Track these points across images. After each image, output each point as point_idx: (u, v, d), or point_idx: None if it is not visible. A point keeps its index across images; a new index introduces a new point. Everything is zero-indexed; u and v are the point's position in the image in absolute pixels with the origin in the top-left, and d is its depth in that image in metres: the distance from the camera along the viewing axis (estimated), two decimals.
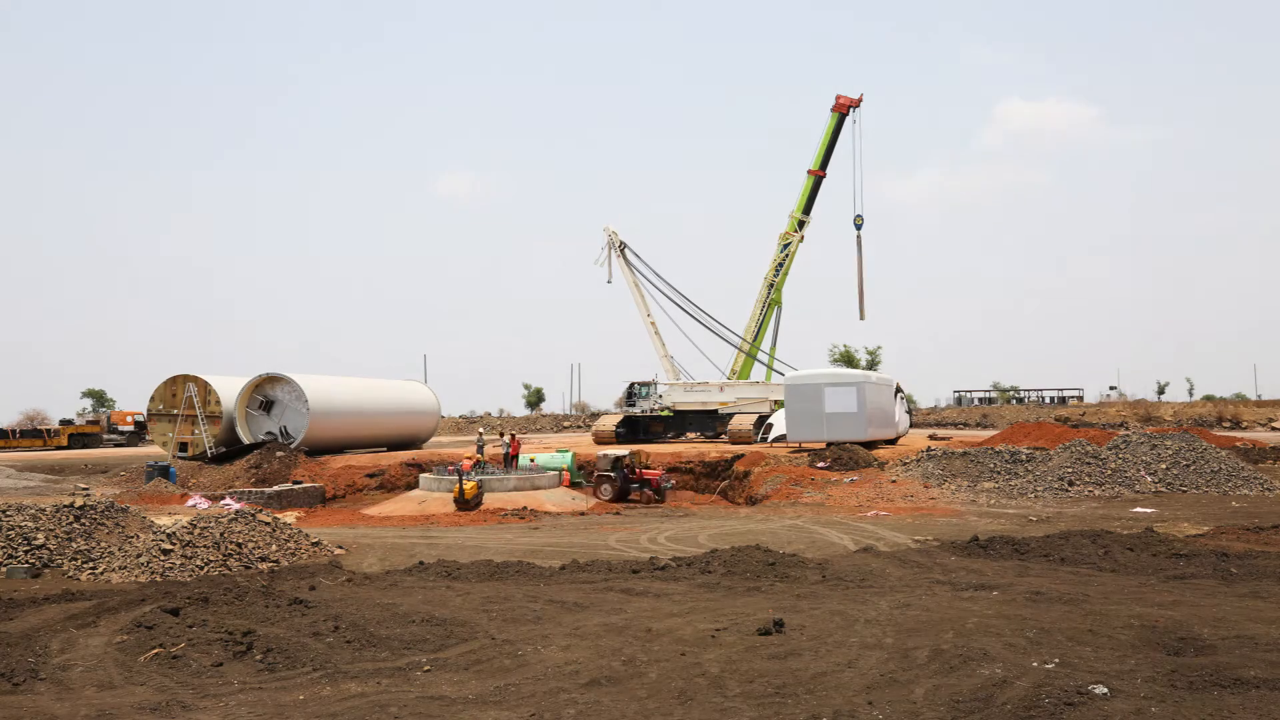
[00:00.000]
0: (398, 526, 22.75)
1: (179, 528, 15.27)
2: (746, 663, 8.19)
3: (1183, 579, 11.88)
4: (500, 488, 29.26)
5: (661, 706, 7.19)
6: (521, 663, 8.51)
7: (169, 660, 8.59)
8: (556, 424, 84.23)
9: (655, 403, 45.42)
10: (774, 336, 51.62)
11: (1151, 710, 6.67)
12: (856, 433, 33.17)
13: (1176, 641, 8.46)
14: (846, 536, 17.52)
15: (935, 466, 27.01)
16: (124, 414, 65.82)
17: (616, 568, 13.72)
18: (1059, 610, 9.93)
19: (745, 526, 19.77)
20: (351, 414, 41.98)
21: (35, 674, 8.38)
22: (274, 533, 15.99)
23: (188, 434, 40.08)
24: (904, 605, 10.40)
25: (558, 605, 10.94)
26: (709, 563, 13.36)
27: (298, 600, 10.56)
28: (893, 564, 13.62)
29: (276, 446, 37.66)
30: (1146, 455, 24.73)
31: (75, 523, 15.72)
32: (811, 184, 50.22)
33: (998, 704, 6.90)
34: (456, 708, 7.27)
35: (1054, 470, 24.70)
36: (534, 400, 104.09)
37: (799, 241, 50.36)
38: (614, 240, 50.26)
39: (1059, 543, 14.39)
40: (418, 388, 51.01)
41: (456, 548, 17.24)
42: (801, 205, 50.36)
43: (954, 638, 8.73)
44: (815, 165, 50.31)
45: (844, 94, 50.08)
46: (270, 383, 40.43)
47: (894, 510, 22.05)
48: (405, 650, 9.00)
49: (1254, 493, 22.67)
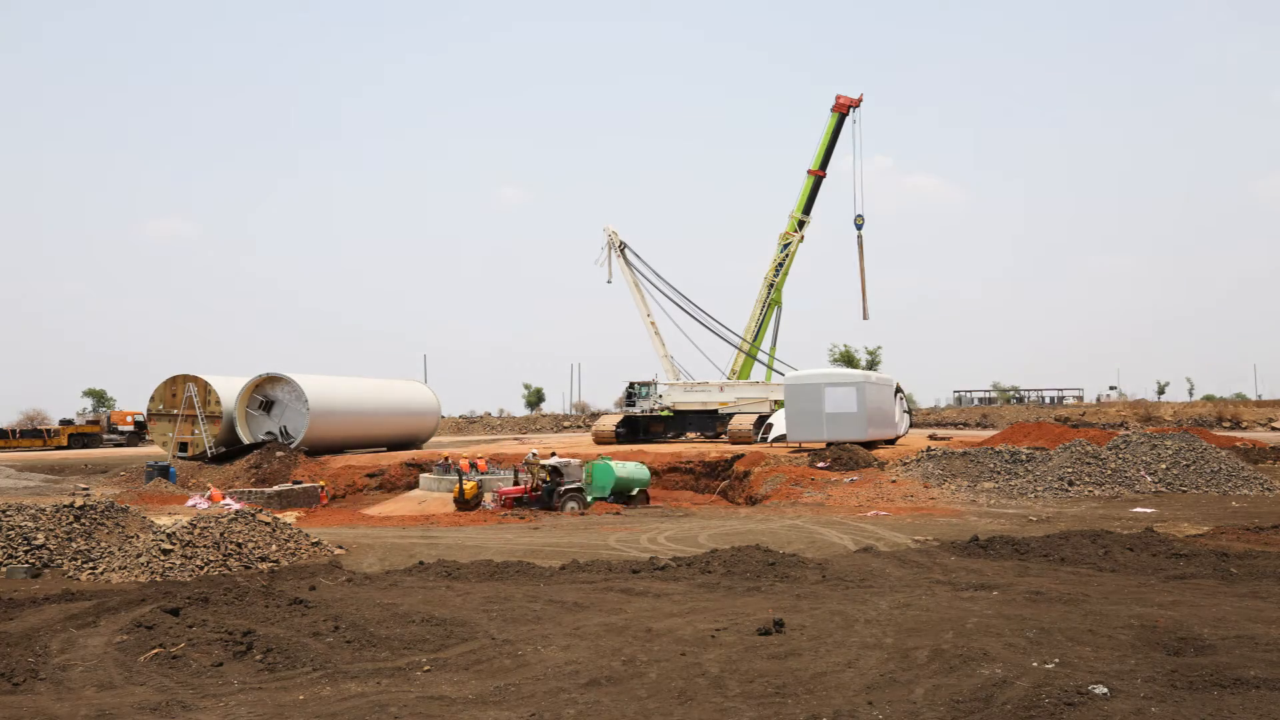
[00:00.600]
0: (398, 526, 22.75)
1: (179, 528, 15.27)
2: (746, 663, 8.19)
3: (1183, 579, 11.87)
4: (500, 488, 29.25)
5: (661, 706, 7.19)
6: (521, 663, 8.51)
7: (169, 660, 8.59)
8: (556, 424, 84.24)
9: (655, 403, 45.42)
10: (774, 336, 51.67)
11: (1151, 710, 6.67)
12: (856, 433, 33.18)
13: (1176, 641, 8.45)
14: (846, 536, 17.52)
15: (935, 466, 27.01)
16: (124, 414, 65.84)
17: (616, 568, 13.72)
18: (1059, 610, 9.93)
19: (745, 526, 19.77)
20: (351, 414, 42.01)
21: (35, 674, 8.38)
22: (274, 533, 15.99)
23: (188, 434, 40.10)
24: (904, 605, 10.40)
25: (558, 605, 10.94)
26: (709, 563, 13.36)
27: (298, 600, 10.56)
28: (893, 564, 13.62)
29: (276, 446, 37.69)
30: (1146, 455, 24.73)
31: (75, 523, 15.72)
32: (811, 184, 50.22)
33: (998, 704, 6.90)
34: (456, 708, 7.27)
35: (1054, 470, 24.70)
36: (534, 400, 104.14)
37: (799, 241, 50.38)
38: (614, 240, 50.27)
39: (1059, 543, 14.39)
40: (418, 388, 51.03)
41: (456, 548, 17.24)
42: (801, 205, 50.38)
43: (954, 638, 8.73)
44: (815, 165, 50.30)
45: (844, 94, 50.06)
46: (270, 383, 40.44)
47: (894, 510, 22.05)
48: (405, 650, 9.00)
49: (1254, 493, 22.66)
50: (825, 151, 50.04)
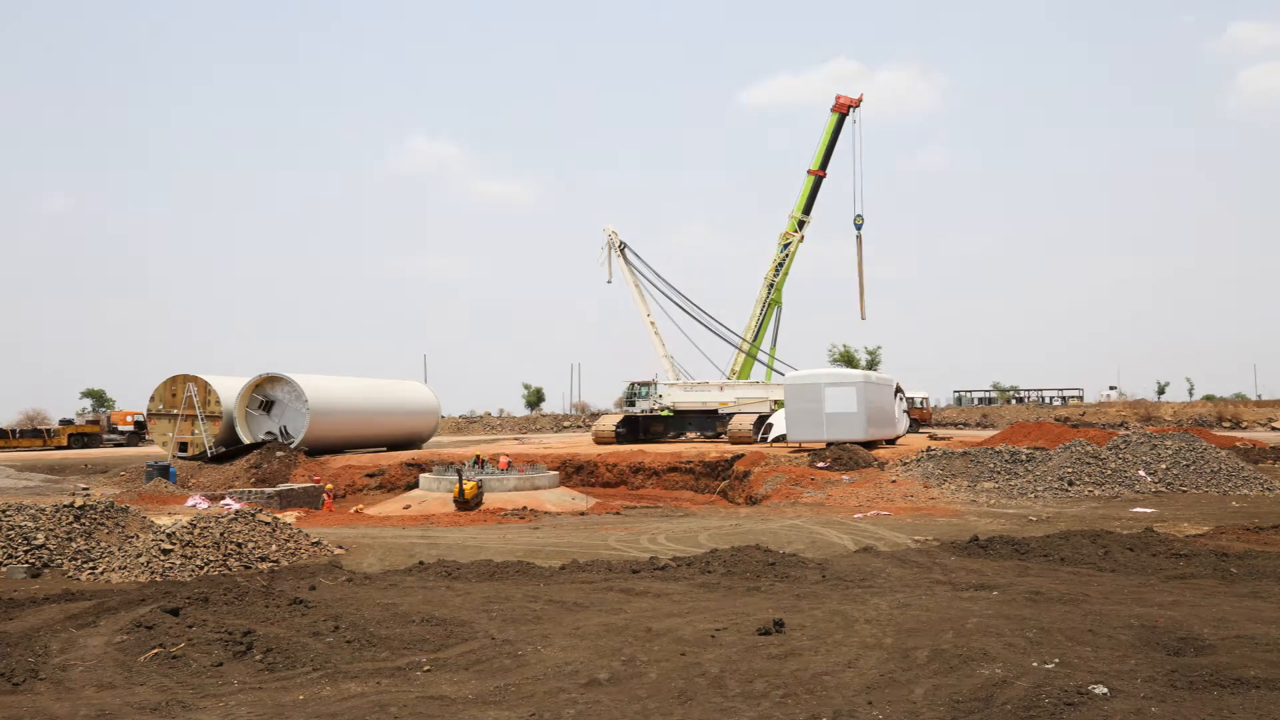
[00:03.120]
0: (398, 526, 22.75)
1: (179, 528, 15.27)
2: (746, 663, 8.19)
3: (1183, 579, 11.87)
4: (500, 488, 29.27)
5: (661, 706, 7.19)
6: (521, 663, 8.51)
7: (169, 660, 8.58)
8: (556, 424, 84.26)
9: (655, 403, 45.43)
10: (774, 336, 51.70)
11: (1151, 710, 6.67)
12: (856, 433, 33.20)
13: (1176, 641, 8.46)
14: (846, 536, 17.52)
15: (935, 466, 27.03)
16: (124, 414, 65.81)
17: (616, 568, 13.72)
18: (1059, 610, 9.93)
19: (745, 526, 19.77)
20: (351, 414, 42.03)
21: (35, 674, 8.37)
22: (274, 533, 15.99)
23: (188, 434, 40.10)
24: (904, 605, 10.40)
25: (558, 605, 10.94)
26: (709, 563, 13.36)
27: (298, 600, 10.56)
28: (893, 564, 13.62)
29: (276, 446, 37.70)
30: (1146, 455, 24.73)
31: (75, 523, 15.71)
32: (812, 184, 50.22)
33: (998, 704, 6.90)
34: (456, 708, 7.27)
35: (1054, 470, 24.70)
36: (534, 400, 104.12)
37: (799, 241, 50.39)
38: (614, 240, 50.29)
39: (1059, 543, 14.39)
40: (418, 387, 51.03)
41: (456, 548, 17.24)
42: (801, 205, 50.39)
43: (954, 638, 8.73)
44: (815, 165, 50.29)
45: (844, 94, 50.07)
46: (270, 383, 40.45)
47: (894, 510, 22.05)
48: (405, 650, 9.00)
49: (1254, 493, 22.67)
50: (825, 151, 50.03)
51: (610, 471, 36.31)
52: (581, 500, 30.28)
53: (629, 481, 35.55)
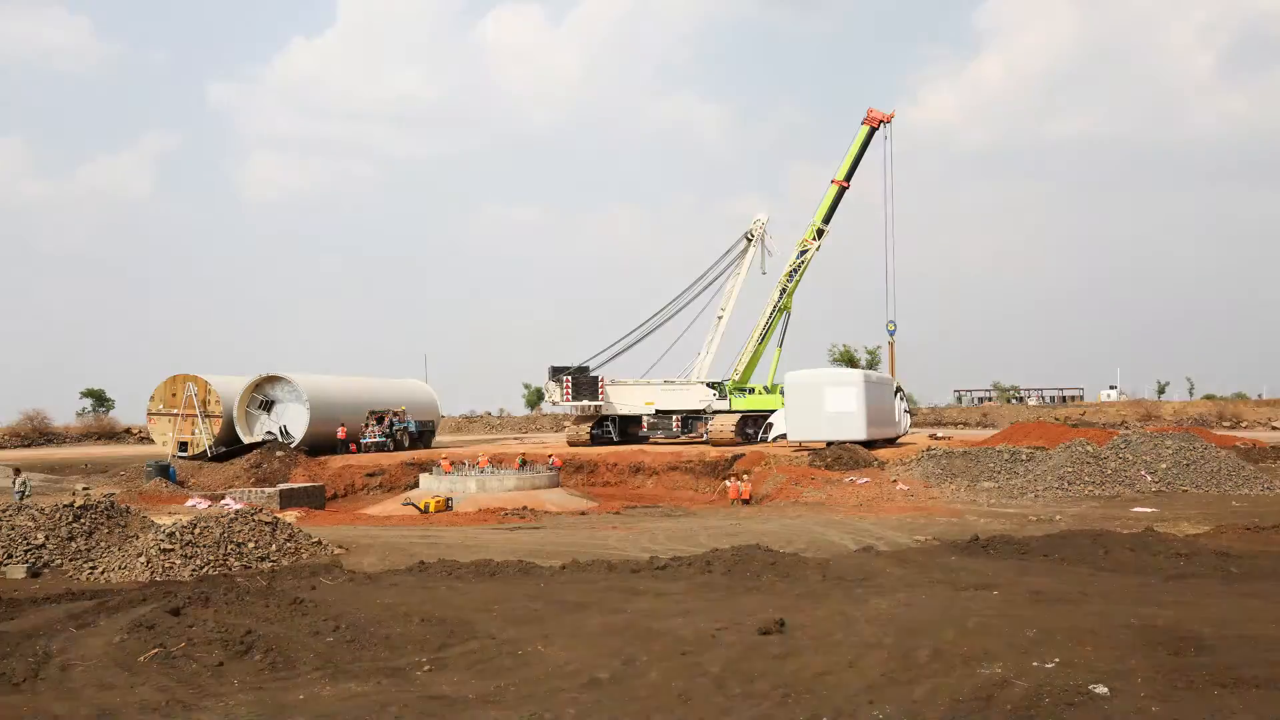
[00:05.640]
0: (398, 526, 22.75)
1: (179, 527, 15.27)
2: (747, 662, 8.19)
3: (1183, 579, 11.87)
4: (500, 488, 29.28)
5: (662, 706, 7.18)
6: (522, 663, 8.50)
7: (169, 660, 8.58)
8: (556, 424, 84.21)
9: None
10: (780, 341, 51.48)
11: (1151, 710, 6.67)
12: (857, 432, 33.21)
13: (1176, 641, 8.45)
14: (847, 536, 17.52)
15: (935, 466, 27.04)
16: None
17: (617, 567, 13.72)
18: (1059, 610, 9.93)
19: (745, 526, 19.77)
20: (351, 413, 41.96)
21: (36, 674, 8.37)
22: (274, 532, 15.99)
23: (188, 433, 40.10)
24: (905, 605, 10.40)
25: (558, 605, 10.94)
26: (709, 562, 13.36)
27: (298, 600, 10.56)
28: (893, 564, 13.62)
29: (276, 446, 37.65)
30: (1147, 455, 24.73)
31: (75, 523, 15.71)
32: (835, 194, 49.62)
33: (998, 704, 6.90)
34: (457, 708, 7.27)
35: (1054, 470, 24.71)
36: (534, 400, 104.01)
37: (816, 249, 50.06)
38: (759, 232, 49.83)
39: (1059, 543, 14.39)
40: (418, 385, 50.96)
41: (457, 548, 17.23)
42: (822, 214, 49.82)
43: (955, 637, 8.73)
44: (840, 176, 49.68)
45: (875, 108, 49.41)
46: (270, 382, 40.44)
47: (894, 510, 22.05)
48: (406, 650, 8.99)
49: (1254, 492, 22.68)
50: (852, 163, 49.45)
51: (610, 471, 36.34)
52: (582, 500, 30.27)
53: (629, 481, 35.59)
